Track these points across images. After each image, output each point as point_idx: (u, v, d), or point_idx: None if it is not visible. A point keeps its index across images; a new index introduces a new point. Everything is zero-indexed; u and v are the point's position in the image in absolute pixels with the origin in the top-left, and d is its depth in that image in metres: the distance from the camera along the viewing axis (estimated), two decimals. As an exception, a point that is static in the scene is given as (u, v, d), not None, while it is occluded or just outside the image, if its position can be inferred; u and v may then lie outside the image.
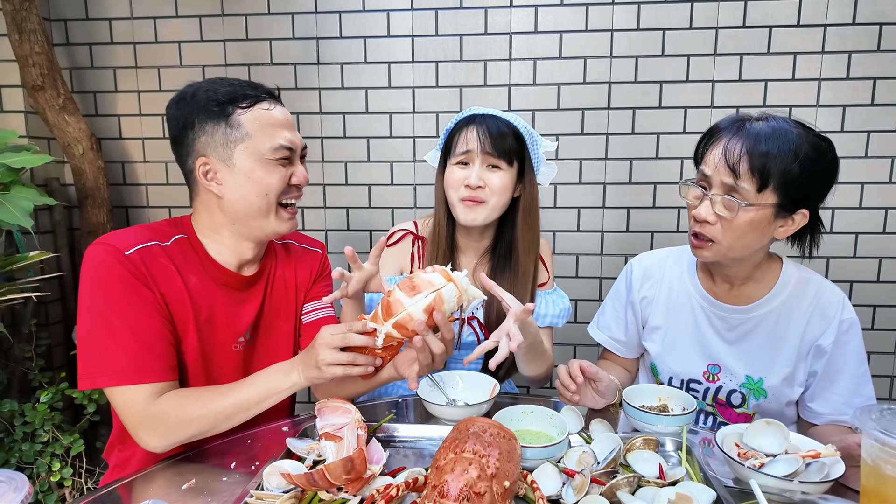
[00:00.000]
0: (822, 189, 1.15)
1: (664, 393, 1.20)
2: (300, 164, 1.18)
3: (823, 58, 2.07)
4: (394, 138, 2.26)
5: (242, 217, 1.15)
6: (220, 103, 1.09)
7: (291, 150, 1.14)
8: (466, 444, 0.83)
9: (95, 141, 2.18)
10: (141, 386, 1.04)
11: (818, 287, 1.26)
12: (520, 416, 1.07)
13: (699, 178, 1.20)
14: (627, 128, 2.17)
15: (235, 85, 1.12)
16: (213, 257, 1.19)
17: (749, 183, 1.10)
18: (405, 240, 1.51)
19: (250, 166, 1.10)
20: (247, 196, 1.12)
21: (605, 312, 1.49)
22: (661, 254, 1.44)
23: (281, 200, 1.16)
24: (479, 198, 1.36)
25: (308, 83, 2.25)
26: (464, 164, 1.37)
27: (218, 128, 1.09)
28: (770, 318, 1.26)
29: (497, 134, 1.34)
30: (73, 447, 1.84)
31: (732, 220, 1.13)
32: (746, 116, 1.16)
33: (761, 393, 1.27)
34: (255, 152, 1.10)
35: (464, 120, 1.39)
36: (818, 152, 1.10)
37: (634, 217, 2.22)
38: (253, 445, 1.11)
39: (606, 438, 0.99)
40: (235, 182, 1.11)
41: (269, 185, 1.12)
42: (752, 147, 1.09)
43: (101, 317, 1.03)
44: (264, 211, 1.14)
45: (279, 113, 1.14)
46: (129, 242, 1.08)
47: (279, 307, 1.29)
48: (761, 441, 0.96)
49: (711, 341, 1.31)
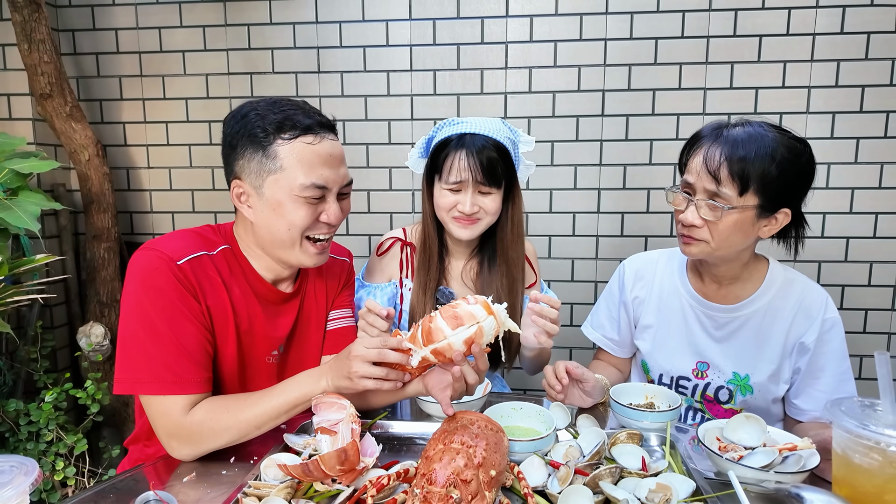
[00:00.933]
0: (801, 188, 1.20)
1: (651, 391, 1.24)
2: (334, 203, 1.13)
3: (813, 66, 2.12)
4: (392, 145, 2.30)
5: (269, 245, 1.15)
6: (264, 130, 1.07)
7: (324, 188, 1.10)
8: (455, 435, 0.87)
9: (101, 147, 2.23)
10: (178, 397, 1.04)
11: (803, 287, 1.30)
12: (509, 412, 1.11)
13: (683, 185, 1.25)
14: (621, 134, 2.22)
15: (288, 111, 1.09)
16: (256, 270, 1.20)
17: (730, 188, 1.15)
18: (394, 248, 1.55)
19: (279, 199, 1.09)
20: (272, 227, 1.11)
21: (599, 312, 1.53)
22: (653, 255, 1.48)
23: (308, 235, 1.14)
24: (473, 218, 1.42)
25: (309, 91, 2.30)
26: (455, 191, 1.40)
27: (255, 155, 1.08)
28: (756, 317, 1.30)
29: (487, 161, 1.36)
30: (76, 447, 1.87)
31: (717, 223, 1.18)
32: (724, 124, 1.21)
33: (748, 389, 1.31)
34: (284, 186, 1.08)
35: (454, 141, 1.38)
36: (794, 154, 1.16)
37: (628, 222, 2.26)
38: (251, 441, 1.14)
39: (592, 433, 1.03)
40: (263, 211, 1.11)
41: (292, 221, 1.10)
42: (731, 153, 1.14)
43: (148, 323, 1.04)
44: (288, 244, 1.13)
45: (323, 147, 1.09)
46: (180, 251, 1.09)
47: (310, 319, 1.31)
48: (741, 435, 0.99)
49: (700, 339, 1.35)
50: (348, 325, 1.34)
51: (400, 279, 1.52)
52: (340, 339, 1.33)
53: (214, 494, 0.94)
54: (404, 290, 1.54)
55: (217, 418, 1.04)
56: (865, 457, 0.79)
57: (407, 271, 1.52)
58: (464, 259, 1.56)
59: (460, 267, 1.55)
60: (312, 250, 1.15)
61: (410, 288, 1.52)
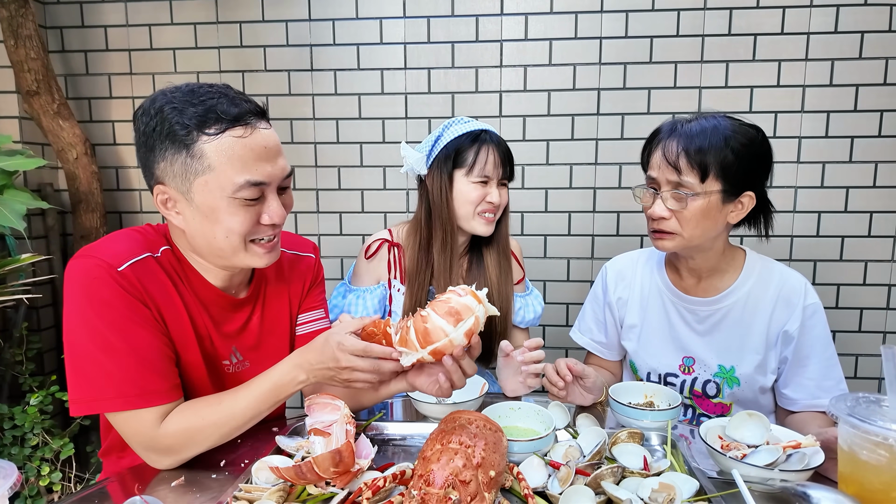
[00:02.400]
0: (760, 171, 1.24)
1: (650, 390, 1.22)
2: (275, 200, 1.00)
3: (807, 65, 2.12)
4: (386, 143, 2.28)
5: (208, 254, 1.04)
6: (185, 126, 0.92)
7: (262, 185, 0.97)
8: (453, 435, 0.84)
9: (89, 146, 2.19)
10: (147, 410, 0.97)
11: (781, 275, 1.30)
12: (507, 412, 1.09)
13: (648, 181, 1.28)
14: (616, 133, 2.21)
15: (210, 102, 0.94)
16: (202, 275, 1.09)
17: (691, 175, 1.18)
18: (381, 249, 1.54)
19: (211, 204, 0.95)
20: (207, 235, 0.99)
21: (586, 316, 1.53)
22: (633, 255, 1.49)
23: (251, 238, 1.01)
24: (496, 212, 1.49)
25: (302, 89, 2.28)
26: (483, 184, 1.46)
27: (178, 156, 0.93)
28: (737, 308, 1.30)
29: (507, 157, 1.49)
30: (62, 451, 1.83)
31: (684, 212, 1.20)
32: (680, 119, 1.26)
33: (734, 381, 1.31)
34: (216, 189, 0.94)
35: (472, 136, 1.46)
36: (748, 138, 1.20)
37: (624, 221, 2.25)
38: (242, 445, 1.11)
39: (592, 432, 1.01)
40: (195, 219, 0.98)
41: (230, 227, 0.97)
42: (688, 144, 1.19)
43: (98, 337, 0.94)
44: (229, 251, 1.00)
45: (256, 140, 0.96)
46: (120, 255, 0.99)
47: (273, 326, 1.21)
48: (743, 433, 0.98)
49: (683, 334, 1.35)
50: (322, 326, 1.25)
51: (388, 280, 1.50)
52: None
53: (204, 499, 0.91)
54: (393, 292, 1.53)
55: (193, 425, 0.99)
56: (873, 453, 0.77)
57: (395, 272, 1.51)
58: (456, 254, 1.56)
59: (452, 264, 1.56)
60: (260, 250, 1.03)
61: (399, 289, 1.51)
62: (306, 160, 2.31)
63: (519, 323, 1.60)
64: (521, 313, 1.58)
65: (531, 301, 1.62)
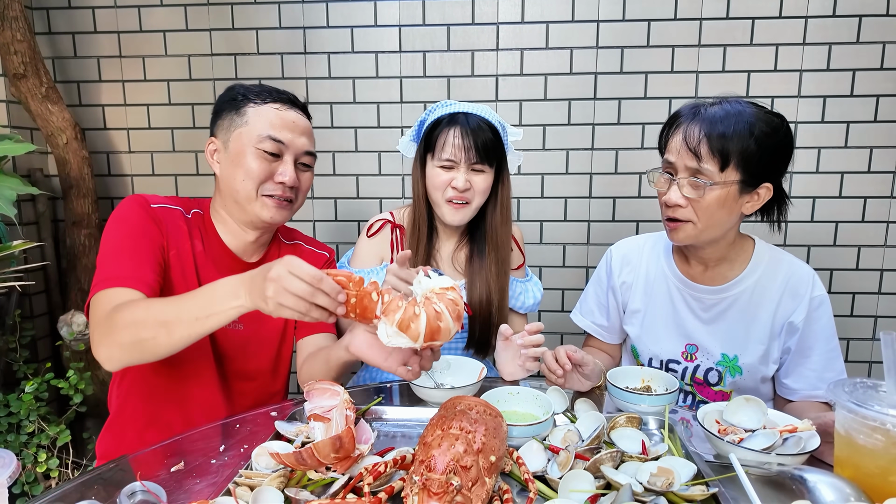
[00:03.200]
0: (781, 162, 1.21)
1: (647, 375, 1.23)
2: (291, 165, 1.22)
3: (805, 49, 2.11)
4: (381, 128, 2.26)
5: (229, 200, 1.24)
6: (243, 95, 1.23)
7: (281, 145, 1.20)
8: (453, 421, 0.84)
9: (79, 130, 2.16)
10: (111, 290, 1.07)
11: (789, 266, 1.30)
12: (506, 397, 1.09)
13: (665, 165, 1.25)
14: (613, 118, 2.19)
15: (264, 87, 1.25)
16: (221, 236, 1.29)
17: (711, 163, 1.15)
18: (384, 229, 1.53)
19: (239, 149, 1.20)
20: (231, 178, 1.21)
21: (588, 299, 1.52)
22: (639, 240, 1.47)
23: (263, 192, 1.21)
24: (465, 198, 1.42)
25: (295, 73, 2.24)
26: (449, 168, 1.41)
27: (229, 115, 1.23)
28: (744, 298, 1.30)
29: (481, 139, 1.39)
30: (59, 438, 1.83)
31: (701, 200, 1.18)
32: (702, 103, 1.22)
33: (737, 370, 1.31)
34: (245, 138, 1.20)
35: (446, 119, 1.41)
36: (772, 128, 1.17)
37: (620, 207, 2.25)
38: (241, 430, 1.12)
39: (590, 417, 1.01)
40: (226, 164, 1.23)
41: (248, 170, 1.19)
42: (710, 130, 1.15)
43: (113, 243, 1.14)
44: (244, 196, 1.21)
45: (288, 115, 1.22)
46: (158, 200, 1.24)
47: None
48: (740, 417, 0.98)
49: (688, 322, 1.35)
50: None
51: (391, 260, 1.50)
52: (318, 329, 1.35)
53: (204, 484, 0.91)
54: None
55: (131, 310, 1.01)
56: (869, 438, 0.78)
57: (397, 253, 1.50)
58: (453, 243, 1.56)
59: (450, 250, 1.55)
60: (269, 203, 1.22)
61: None
62: (300, 145, 2.28)
63: (518, 308, 1.59)
64: (521, 299, 1.58)
65: (531, 287, 1.61)
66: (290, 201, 1.25)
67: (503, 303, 1.51)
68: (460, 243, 1.55)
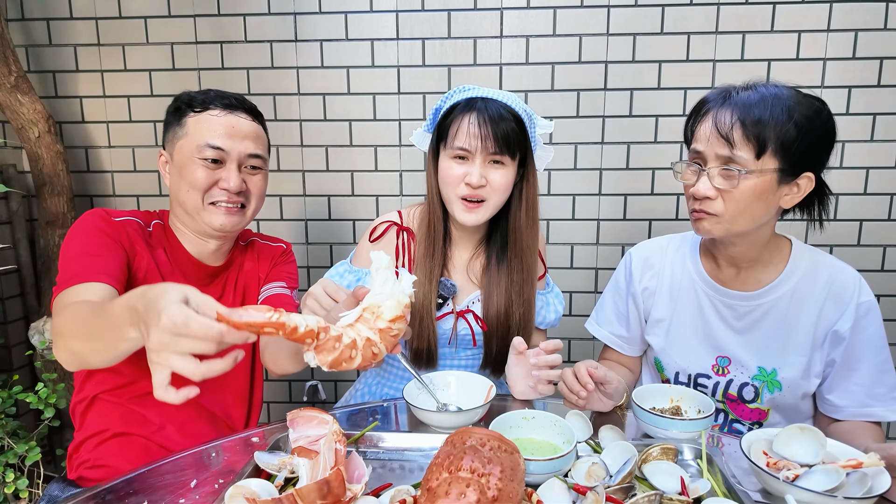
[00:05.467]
0: (824, 150, 1.10)
1: (676, 393, 1.10)
2: (235, 171, 1.21)
3: (829, 36, 1.98)
4: (378, 121, 2.12)
5: (181, 212, 1.25)
6: (186, 104, 1.23)
7: (221, 152, 1.20)
8: (463, 460, 0.71)
9: (53, 123, 2.01)
10: (72, 289, 1.03)
11: (832, 269, 1.17)
12: (520, 422, 0.96)
13: (692, 156, 1.14)
14: (625, 110, 2.06)
15: (208, 93, 1.24)
16: (182, 243, 1.28)
17: (746, 150, 1.04)
18: (389, 233, 1.38)
19: (182, 161, 1.21)
20: (178, 190, 1.22)
21: (605, 307, 1.39)
22: (662, 241, 1.34)
23: (210, 200, 1.21)
24: (479, 196, 1.25)
25: (285, 62, 2.10)
26: (462, 159, 1.25)
27: (173, 127, 1.24)
28: (781, 304, 1.17)
29: (500, 127, 1.21)
30: (28, 455, 1.68)
31: (733, 191, 1.06)
32: (732, 88, 1.11)
33: (775, 385, 1.18)
34: (186, 150, 1.20)
35: (462, 105, 1.25)
36: (813, 111, 1.05)
37: (632, 204, 2.12)
38: (217, 459, 0.98)
39: (618, 447, 0.88)
40: (174, 174, 1.24)
41: (191, 181, 1.19)
42: (744, 114, 1.04)
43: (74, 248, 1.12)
44: (192, 206, 1.21)
45: (227, 120, 1.21)
46: (118, 213, 1.23)
47: (243, 298, 1.35)
48: (794, 449, 0.85)
49: (719, 331, 1.22)
50: (280, 292, 1.34)
51: (396, 267, 1.35)
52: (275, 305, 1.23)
53: (168, 533, 0.78)
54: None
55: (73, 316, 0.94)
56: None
57: (403, 259, 1.34)
58: (469, 250, 1.39)
59: (465, 258, 1.38)
60: (217, 210, 1.22)
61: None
62: (291, 139, 2.15)
63: (538, 324, 1.43)
64: (542, 313, 1.42)
65: (552, 300, 1.46)
66: (241, 206, 1.25)
67: (528, 317, 1.34)
68: (477, 249, 1.39)
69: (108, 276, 1.08)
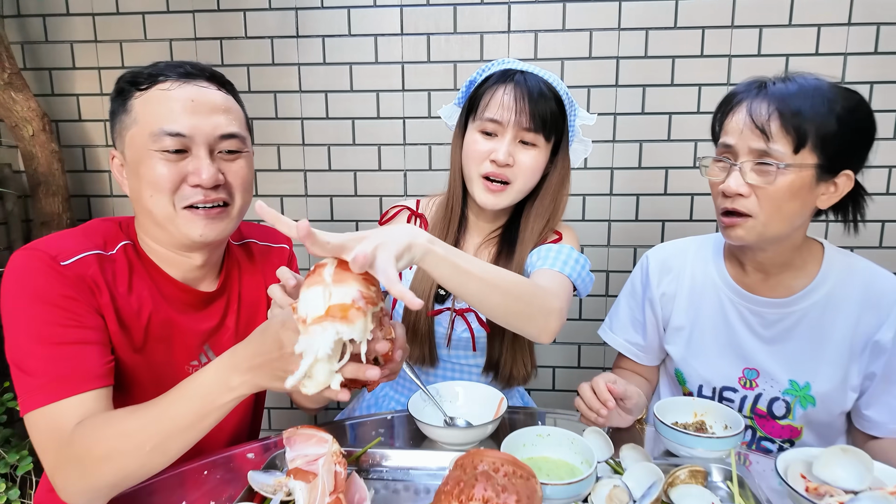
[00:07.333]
0: (863, 146, 1.04)
1: (700, 407, 1.03)
2: (206, 159, 0.92)
3: (850, 30, 1.90)
4: (381, 119, 2.05)
5: (149, 222, 0.97)
6: (128, 83, 0.95)
7: (181, 138, 0.91)
8: (475, 488, 0.64)
9: (48, 122, 1.95)
10: (63, 402, 0.82)
11: (869, 274, 1.11)
12: (534, 440, 0.89)
13: (721, 150, 1.07)
14: (637, 107, 1.99)
15: (156, 65, 0.96)
16: (161, 268, 1.01)
17: (783, 143, 0.98)
18: (400, 217, 1.31)
19: (136, 158, 0.93)
20: (140, 194, 0.94)
21: (620, 313, 1.32)
22: (681, 244, 1.27)
23: (182, 203, 0.93)
24: (504, 177, 1.15)
25: (286, 58, 2.04)
26: (489, 134, 1.15)
27: (119, 115, 0.95)
28: (814, 312, 1.10)
29: (538, 105, 1.11)
30: (20, 465, 1.63)
31: (768, 188, 1.00)
32: (765, 79, 1.05)
33: (809, 400, 1.10)
34: (139, 141, 0.92)
35: (497, 75, 1.15)
36: (854, 103, 1.00)
37: (644, 204, 2.04)
38: (209, 478, 0.92)
39: (642, 469, 0.81)
40: (132, 177, 0.95)
41: (152, 182, 0.91)
42: (782, 105, 0.98)
43: (32, 331, 0.85)
44: (162, 215, 0.93)
45: (183, 92, 0.92)
46: (66, 251, 0.91)
47: (252, 320, 1.11)
48: (836, 472, 0.78)
49: (746, 341, 1.14)
50: None
51: None
52: None
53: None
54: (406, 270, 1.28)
55: (103, 439, 0.78)
56: None
57: None
58: (480, 239, 1.29)
59: (475, 246, 1.30)
60: (194, 215, 0.94)
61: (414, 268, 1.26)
62: (292, 138, 2.09)
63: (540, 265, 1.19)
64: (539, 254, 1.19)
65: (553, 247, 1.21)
66: (223, 206, 0.96)
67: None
68: (490, 238, 1.28)
69: (95, 378, 0.86)
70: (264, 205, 0.68)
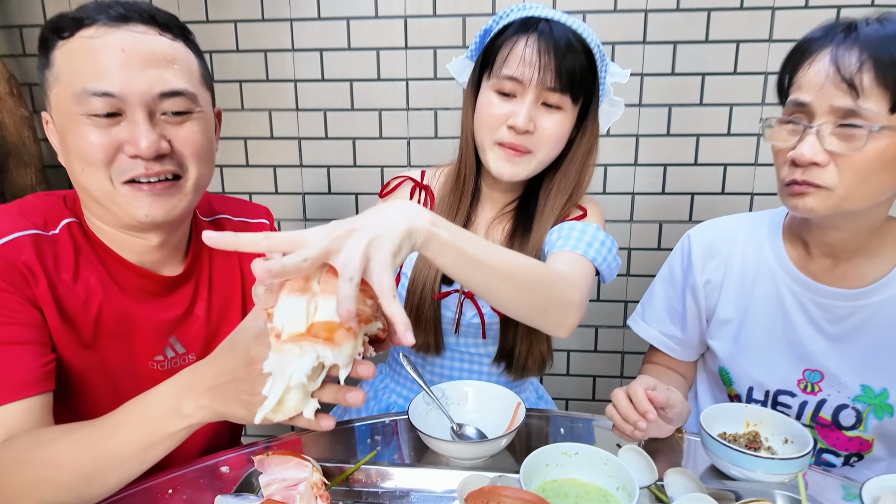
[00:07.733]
0: None
1: (753, 416, 0.87)
2: (144, 123, 0.76)
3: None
4: (382, 81, 1.87)
5: (89, 200, 0.82)
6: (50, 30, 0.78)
7: (111, 98, 0.74)
8: (490, 545, 0.49)
9: (16, 84, 1.79)
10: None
11: None
12: (560, 459, 0.74)
13: (791, 110, 0.88)
14: (666, 67, 1.79)
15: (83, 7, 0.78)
16: (113, 250, 0.86)
17: (877, 101, 0.79)
18: (402, 189, 1.15)
19: (63, 123, 0.78)
20: (72, 168, 0.80)
21: (654, 301, 1.16)
22: (729, 222, 1.10)
23: (121, 178, 0.78)
24: (523, 147, 0.99)
25: (278, 13, 1.85)
26: (507, 95, 0.98)
27: (43, 70, 0.80)
28: (891, 307, 0.93)
29: (566, 59, 0.94)
30: None
31: (854, 156, 0.81)
32: (852, 21, 0.85)
33: (885, 410, 0.94)
34: (63, 103, 0.76)
35: (517, 24, 0.97)
36: None
37: (672, 176, 1.86)
38: (174, 497, 0.78)
39: (693, 500, 0.66)
40: (61, 147, 0.80)
41: (81, 152, 0.76)
42: (877, 53, 0.79)
43: None
44: (100, 191, 0.78)
45: (113, 40, 0.75)
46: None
47: (227, 308, 0.98)
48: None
49: (808, 338, 0.98)
50: None
51: None
52: None
53: None
54: None
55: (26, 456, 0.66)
56: None
57: None
58: (493, 212, 1.13)
59: (488, 220, 1.14)
60: (138, 193, 0.79)
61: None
62: (285, 102, 1.91)
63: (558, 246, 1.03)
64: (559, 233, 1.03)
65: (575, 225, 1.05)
66: (174, 178, 0.81)
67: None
68: (501, 215, 1.13)
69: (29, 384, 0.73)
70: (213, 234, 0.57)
